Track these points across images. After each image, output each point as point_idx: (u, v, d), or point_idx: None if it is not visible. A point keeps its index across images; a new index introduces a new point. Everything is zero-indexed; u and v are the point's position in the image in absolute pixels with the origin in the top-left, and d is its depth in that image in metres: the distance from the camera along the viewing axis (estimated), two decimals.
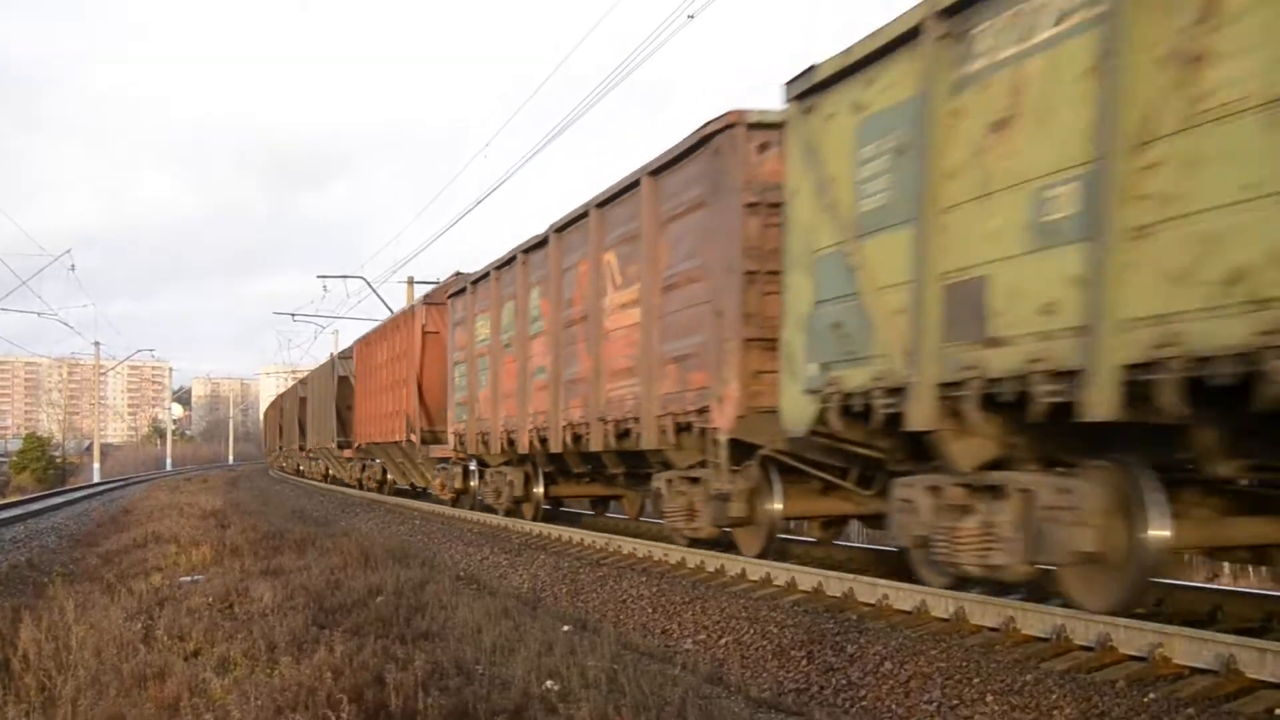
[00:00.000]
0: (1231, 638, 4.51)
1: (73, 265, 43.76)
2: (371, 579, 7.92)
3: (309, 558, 9.50)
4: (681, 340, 8.65)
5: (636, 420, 9.41)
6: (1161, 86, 4.34)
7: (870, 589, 6.53)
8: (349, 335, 54.96)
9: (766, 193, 7.71)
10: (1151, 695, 4.29)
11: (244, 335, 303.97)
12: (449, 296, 16.52)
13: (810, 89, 6.70)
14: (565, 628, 6.27)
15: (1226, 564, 9.68)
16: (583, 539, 10.87)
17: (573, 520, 14.10)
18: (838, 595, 6.74)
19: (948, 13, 5.52)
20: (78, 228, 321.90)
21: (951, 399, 5.55)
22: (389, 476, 23.49)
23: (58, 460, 71.53)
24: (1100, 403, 4.60)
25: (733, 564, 8.04)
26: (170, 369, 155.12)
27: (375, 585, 7.62)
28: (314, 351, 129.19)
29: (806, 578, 7.15)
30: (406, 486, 22.47)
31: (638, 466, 10.75)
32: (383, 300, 49.40)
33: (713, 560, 8.29)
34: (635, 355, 9.46)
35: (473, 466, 16.10)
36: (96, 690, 4.63)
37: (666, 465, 9.50)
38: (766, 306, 7.71)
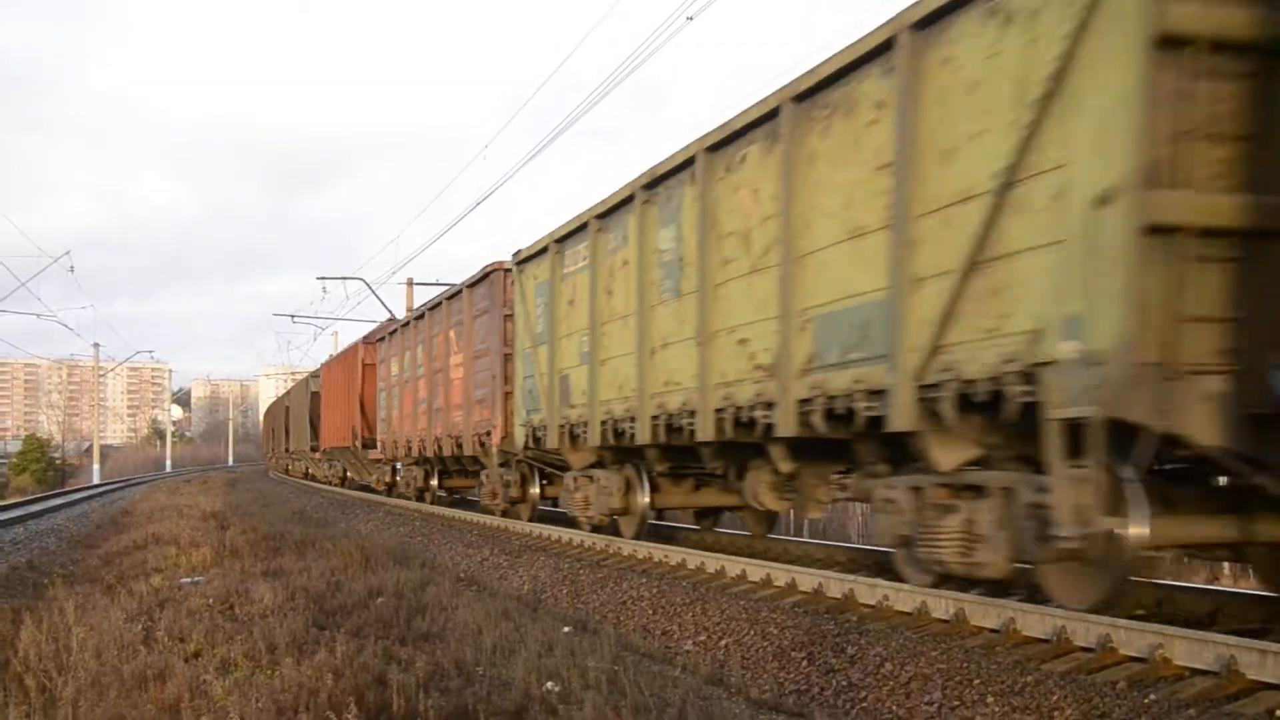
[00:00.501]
0: (1232, 639, 4.53)
1: (71, 266, 43.20)
2: (372, 580, 7.99)
3: (309, 559, 9.55)
4: (481, 390, 14.25)
5: (462, 437, 15.00)
6: (602, 302, 9.95)
7: (870, 590, 6.56)
8: (348, 337, 58.26)
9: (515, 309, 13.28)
10: (1152, 696, 4.29)
11: (243, 336, 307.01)
12: (377, 340, 22.16)
13: (521, 260, 12.30)
14: (565, 629, 6.34)
15: (1226, 566, 11.77)
16: (583, 540, 10.97)
17: (469, 505, 19.41)
18: (838, 596, 6.76)
19: (558, 241, 11.11)
20: (77, 228, 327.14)
21: (564, 433, 11.13)
22: (348, 474, 29.15)
23: (57, 462, 72.75)
24: (594, 439, 10.19)
25: (733, 565, 8.14)
26: (170, 370, 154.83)
27: (375, 587, 7.66)
28: (313, 353, 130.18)
29: (807, 579, 7.22)
30: (361, 481, 28.09)
31: (478, 467, 16.32)
32: (382, 302, 53.46)
33: (713, 561, 8.44)
34: (462, 396, 15.05)
35: (398, 466, 21.71)
36: (97, 692, 4.61)
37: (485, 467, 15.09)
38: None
